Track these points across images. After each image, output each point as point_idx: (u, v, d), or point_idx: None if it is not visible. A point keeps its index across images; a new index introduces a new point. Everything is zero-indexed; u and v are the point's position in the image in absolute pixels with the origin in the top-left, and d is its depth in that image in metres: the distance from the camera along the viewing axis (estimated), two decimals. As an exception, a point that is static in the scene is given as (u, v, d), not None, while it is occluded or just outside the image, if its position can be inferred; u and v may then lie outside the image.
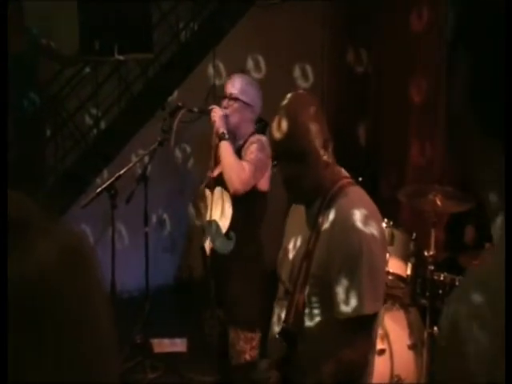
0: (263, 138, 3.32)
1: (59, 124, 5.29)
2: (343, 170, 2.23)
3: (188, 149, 5.69)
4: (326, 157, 2.11)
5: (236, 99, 3.36)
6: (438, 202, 3.48)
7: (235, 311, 3.34)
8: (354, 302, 2.02)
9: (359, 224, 2.03)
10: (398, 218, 4.27)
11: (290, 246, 2.25)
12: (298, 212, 2.27)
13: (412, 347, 3.64)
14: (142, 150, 4.81)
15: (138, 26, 4.75)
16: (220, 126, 3.31)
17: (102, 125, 5.35)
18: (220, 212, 3.36)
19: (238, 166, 3.22)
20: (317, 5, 5.89)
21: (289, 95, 2.22)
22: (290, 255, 2.23)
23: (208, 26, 5.31)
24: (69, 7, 4.80)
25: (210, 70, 5.56)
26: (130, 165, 3.85)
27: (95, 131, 5.35)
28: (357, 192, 2.16)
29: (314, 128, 2.10)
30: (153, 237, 4.48)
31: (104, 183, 3.84)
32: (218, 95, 4.79)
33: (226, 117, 3.37)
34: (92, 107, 5.35)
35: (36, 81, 4.99)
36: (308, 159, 2.09)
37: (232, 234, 3.32)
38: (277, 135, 2.12)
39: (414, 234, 3.73)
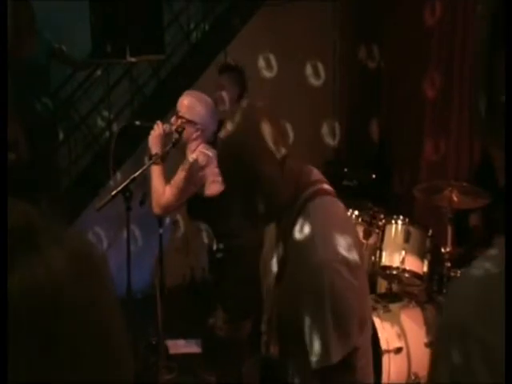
0: (193, 157, 3.46)
1: (72, 127, 5.30)
2: (315, 171, 1.95)
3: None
4: (285, 173, 1.83)
5: (181, 117, 3.50)
6: (455, 198, 3.46)
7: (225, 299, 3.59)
8: (319, 350, 1.77)
9: (320, 256, 1.74)
10: (413, 214, 4.25)
11: (266, 265, 2.00)
12: (270, 230, 2.01)
13: (429, 345, 3.61)
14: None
15: (150, 28, 4.76)
16: (152, 146, 3.48)
17: (115, 127, 5.35)
18: None
19: (159, 191, 3.46)
20: (328, 2, 5.87)
21: (229, 118, 1.90)
22: (265, 276, 2.00)
23: (219, 26, 5.31)
24: (81, 10, 4.81)
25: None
26: (145, 167, 3.84)
27: (107, 133, 5.36)
28: (322, 207, 1.85)
29: (258, 154, 1.80)
30: (166, 238, 4.47)
31: (117, 185, 3.84)
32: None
33: (171, 134, 3.52)
34: (104, 110, 5.36)
35: (48, 85, 5.01)
36: (262, 185, 1.82)
37: (221, 245, 3.58)
38: (222, 167, 1.90)
39: (431, 231, 3.71)
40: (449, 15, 5.15)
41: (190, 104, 3.53)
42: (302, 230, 1.80)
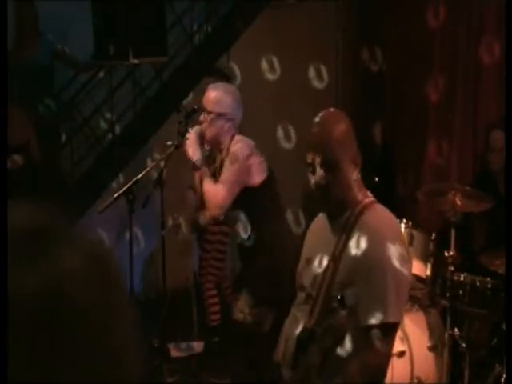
0: (237, 148, 3.43)
1: (74, 129, 5.29)
2: (368, 192, 2.35)
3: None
4: (355, 173, 2.24)
5: (210, 112, 3.46)
6: (458, 202, 3.45)
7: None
8: (378, 310, 2.12)
9: (386, 238, 2.14)
10: (416, 218, 4.24)
11: (313, 255, 2.33)
12: (319, 225, 2.38)
13: (432, 349, 3.60)
14: (158, 154, 4.80)
15: (152, 29, 4.75)
16: (192, 156, 3.44)
17: (117, 129, 5.35)
18: None
19: (211, 193, 3.39)
20: (330, 4, 5.86)
21: (321, 112, 2.32)
22: (313, 264, 2.31)
23: (222, 28, 5.30)
24: (83, 12, 4.81)
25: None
26: (147, 169, 3.84)
27: (110, 135, 5.35)
28: (382, 210, 2.30)
29: (346, 142, 2.23)
30: (169, 240, 4.46)
31: (120, 187, 3.83)
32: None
33: (202, 134, 3.49)
34: (107, 111, 5.36)
35: (51, 86, 5.00)
36: (339, 169, 2.21)
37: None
38: (311, 147, 2.24)
39: (434, 235, 3.69)
40: (452, 17, 5.14)
41: (216, 98, 3.48)
42: (368, 224, 2.18)
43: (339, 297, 2.17)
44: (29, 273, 0.62)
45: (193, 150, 3.45)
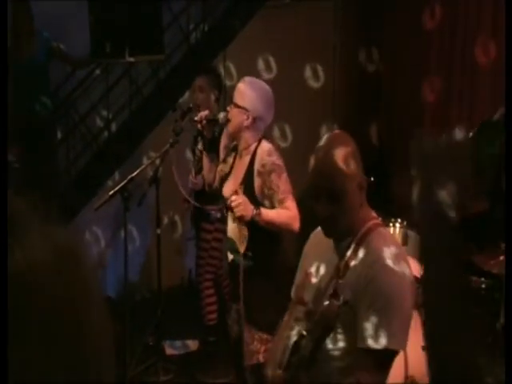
0: (275, 159, 3.22)
1: (71, 126, 5.29)
2: (373, 211, 2.28)
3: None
4: (360, 197, 2.15)
5: (234, 104, 3.29)
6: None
7: (251, 311, 3.24)
8: (382, 336, 2.05)
9: (390, 263, 2.07)
10: (411, 218, 4.26)
11: (313, 270, 2.27)
12: (320, 239, 2.27)
13: (426, 348, 3.61)
14: (153, 152, 4.81)
15: (149, 28, 4.75)
16: (248, 214, 3.11)
17: (113, 127, 5.35)
18: (238, 231, 3.24)
19: (287, 217, 3.16)
20: (328, 4, 5.88)
21: (326, 136, 2.24)
22: (314, 279, 2.26)
23: (218, 27, 5.30)
24: (80, 9, 4.81)
25: (221, 71, 5.55)
26: (143, 167, 3.84)
27: (106, 133, 5.35)
28: (386, 233, 2.25)
29: (353, 169, 2.11)
30: (164, 239, 4.46)
31: (116, 185, 3.83)
32: (229, 96, 4.78)
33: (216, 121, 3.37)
34: (103, 109, 5.36)
35: (47, 83, 5.00)
36: (345, 199, 2.11)
37: (250, 253, 3.21)
38: (315, 176, 2.16)
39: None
40: (448, 18, 5.15)
41: (241, 89, 3.30)
42: (372, 247, 2.11)
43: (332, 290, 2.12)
44: None
45: (246, 210, 3.12)
